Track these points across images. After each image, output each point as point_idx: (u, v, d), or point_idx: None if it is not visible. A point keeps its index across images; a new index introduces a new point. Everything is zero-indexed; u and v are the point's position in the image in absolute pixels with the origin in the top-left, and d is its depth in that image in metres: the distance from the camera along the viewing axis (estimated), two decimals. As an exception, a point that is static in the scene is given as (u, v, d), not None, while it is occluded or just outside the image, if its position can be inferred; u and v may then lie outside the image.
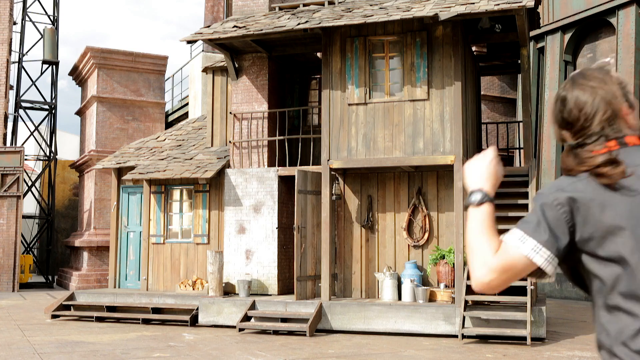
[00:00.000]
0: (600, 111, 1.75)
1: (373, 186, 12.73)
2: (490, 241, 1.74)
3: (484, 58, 15.00)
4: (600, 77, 1.79)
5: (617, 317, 1.66)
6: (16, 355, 9.04)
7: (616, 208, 1.65)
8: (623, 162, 1.66)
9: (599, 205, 1.66)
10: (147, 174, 14.28)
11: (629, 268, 1.62)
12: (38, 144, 25.88)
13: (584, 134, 1.77)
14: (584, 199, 1.68)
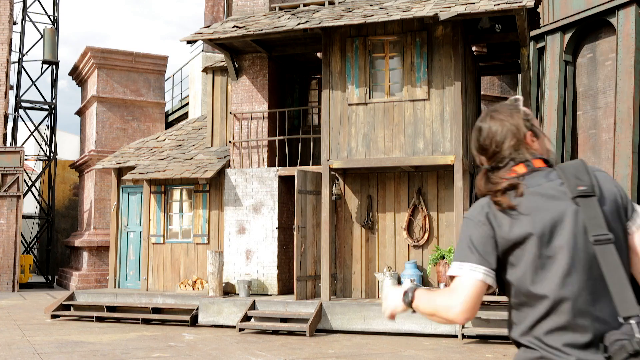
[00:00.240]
0: (507, 139, 2.08)
1: (373, 186, 12.73)
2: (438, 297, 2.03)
3: (484, 58, 15.00)
4: (509, 112, 2.13)
5: (522, 313, 1.98)
6: (16, 355, 9.04)
7: (519, 223, 1.96)
8: (521, 185, 1.99)
9: (508, 222, 1.98)
10: (147, 174, 14.28)
11: (531, 272, 1.95)
12: (38, 144, 25.89)
13: (496, 158, 2.10)
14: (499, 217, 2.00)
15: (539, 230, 1.94)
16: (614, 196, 2.00)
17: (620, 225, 1.98)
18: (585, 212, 1.94)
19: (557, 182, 2.00)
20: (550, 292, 1.92)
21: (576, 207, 1.95)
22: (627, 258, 1.96)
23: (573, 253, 1.93)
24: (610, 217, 1.96)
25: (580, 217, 1.94)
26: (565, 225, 1.95)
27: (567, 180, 1.99)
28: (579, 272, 1.92)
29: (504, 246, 1.99)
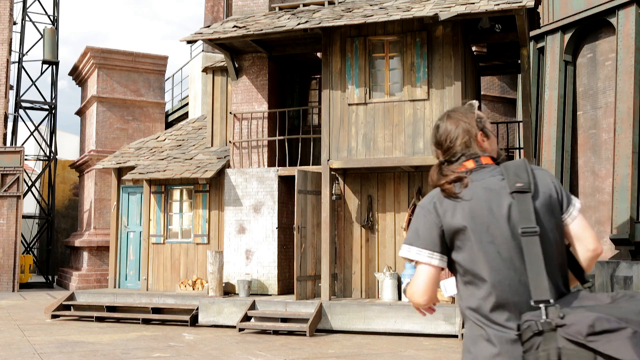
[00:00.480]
0: (460, 136, 2.37)
1: (373, 186, 12.73)
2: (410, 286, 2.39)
3: (484, 58, 15.00)
4: (464, 113, 2.42)
5: (469, 290, 2.26)
6: (16, 355, 9.05)
7: (462, 212, 2.24)
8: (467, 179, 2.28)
9: (452, 211, 2.26)
10: (147, 174, 14.28)
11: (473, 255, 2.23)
12: (38, 144, 25.89)
13: (449, 153, 2.39)
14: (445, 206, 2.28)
15: (478, 219, 2.23)
16: (550, 192, 2.26)
17: (553, 219, 2.25)
18: (518, 206, 2.21)
19: (499, 178, 2.27)
20: (488, 275, 2.20)
21: (512, 201, 2.22)
22: (552, 248, 2.22)
23: (506, 241, 2.20)
24: (542, 211, 2.22)
25: (514, 210, 2.21)
26: (501, 216, 2.22)
27: (508, 177, 2.25)
28: (510, 259, 2.20)
29: (449, 232, 2.27)
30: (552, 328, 2.01)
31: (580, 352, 1.95)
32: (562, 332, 2.00)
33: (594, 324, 1.96)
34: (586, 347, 1.95)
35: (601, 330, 1.94)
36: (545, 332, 2.02)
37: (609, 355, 1.91)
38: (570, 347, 1.97)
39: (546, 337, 2.02)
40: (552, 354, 1.98)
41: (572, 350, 1.96)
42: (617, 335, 1.93)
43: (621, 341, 1.91)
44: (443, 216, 2.28)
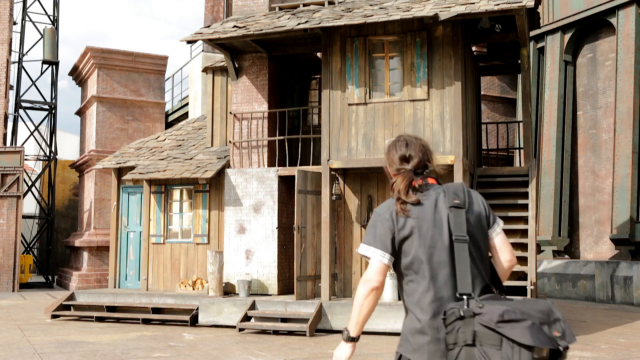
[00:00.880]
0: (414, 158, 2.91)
1: (373, 186, 12.73)
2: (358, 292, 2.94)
3: (484, 58, 15.00)
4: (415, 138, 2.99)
5: (411, 286, 2.82)
6: (16, 355, 9.05)
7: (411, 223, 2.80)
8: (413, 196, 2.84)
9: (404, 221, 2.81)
10: (147, 174, 14.28)
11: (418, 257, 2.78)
12: (38, 144, 25.89)
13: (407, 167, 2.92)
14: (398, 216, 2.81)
15: (423, 229, 2.79)
16: (480, 210, 2.87)
17: (481, 232, 2.85)
18: (454, 219, 2.79)
19: (442, 196, 2.85)
20: (428, 274, 2.77)
21: (449, 214, 2.79)
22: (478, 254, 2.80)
23: (443, 246, 2.78)
24: (473, 224, 2.81)
25: (451, 222, 2.79)
26: (441, 226, 2.79)
27: (448, 195, 2.84)
28: (445, 261, 2.78)
29: (399, 238, 2.81)
30: (471, 315, 2.56)
31: (490, 335, 2.51)
32: (478, 319, 2.55)
33: (503, 314, 2.50)
34: (495, 331, 2.51)
35: (508, 320, 2.49)
36: (466, 318, 2.57)
37: (511, 338, 2.46)
38: (483, 331, 2.52)
39: (465, 322, 2.56)
40: (468, 335, 2.54)
41: (484, 333, 2.52)
42: (520, 324, 2.47)
43: (522, 329, 2.46)
44: (396, 225, 2.83)
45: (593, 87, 19.63)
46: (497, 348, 2.49)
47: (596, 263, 17.31)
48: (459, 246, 2.77)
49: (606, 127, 19.00)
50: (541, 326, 2.51)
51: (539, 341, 2.45)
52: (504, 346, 2.48)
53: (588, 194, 19.43)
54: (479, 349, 2.52)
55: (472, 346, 2.54)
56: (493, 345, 2.50)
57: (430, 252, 2.78)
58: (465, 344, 2.56)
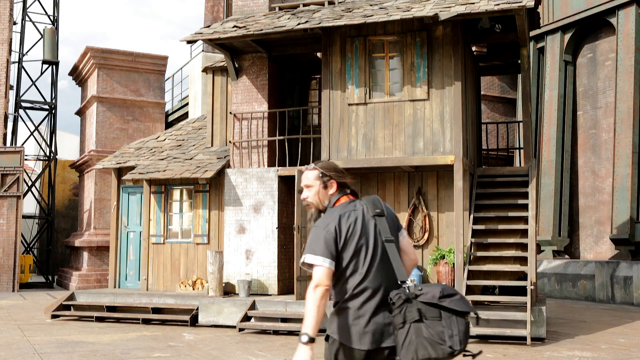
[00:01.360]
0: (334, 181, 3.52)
1: (373, 186, 12.72)
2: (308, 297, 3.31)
3: (484, 58, 14.99)
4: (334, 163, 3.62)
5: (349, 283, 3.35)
6: (16, 355, 9.05)
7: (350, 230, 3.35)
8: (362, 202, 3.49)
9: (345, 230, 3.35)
10: (147, 174, 14.27)
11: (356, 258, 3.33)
12: (38, 144, 25.89)
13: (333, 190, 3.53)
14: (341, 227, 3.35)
15: (358, 234, 3.35)
16: (392, 218, 3.50)
17: (396, 234, 3.47)
18: (380, 225, 3.41)
19: (365, 207, 3.45)
20: (364, 269, 3.34)
21: (375, 222, 3.41)
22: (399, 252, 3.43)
23: (375, 247, 3.38)
24: (391, 228, 3.44)
25: (377, 227, 3.40)
26: (372, 231, 3.39)
27: (369, 207, 3.44)
28: (378, 258, 3.37)
29: (342, 245, 3.34)
30: (414, 297, 3.19)
31: (432, 310, 3.16)
32: (420, 299, 3.18)
33: (443, 290, 3.20)
34: (435, 306, 3.17)
35: (447, 294, 3.18)
36: (411, 299, 3.19)
37: (450, 308, 3.16)
38: (425, 307, 3.16)
39: (411, 304, 3.18)
40: (415, 313, 3.16)
41: (427, 309, 3.16)
42: (454, 297, 3.19)
43: (456, 301, 3.18)
44: (339, 235, 3.34)
45: (593, 87, 19.63)
46: (438, 319, 3.17)
47: (596, 263, 17.31)
48: (389, 245, 3.40)
49: (606, 127, 19.00)
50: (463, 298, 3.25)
51: (469, 308, 3.22)
52: (443, 316, 3.17)
53: (588, 194, 19.43)
54: (425, 323, 3.16)
55: (419, 322, 3.16)
56: (435, 318, 3.17)
57: (364, 252, 3.37)
58: (413, 321, 3.17)
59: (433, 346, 3.14)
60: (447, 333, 3.16)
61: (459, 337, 3.19)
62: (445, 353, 3.14)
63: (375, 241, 3.38)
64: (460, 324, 3.20)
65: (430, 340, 3.14)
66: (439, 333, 3.15)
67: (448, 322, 3.17)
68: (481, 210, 11.96)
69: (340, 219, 3.37)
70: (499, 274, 11.42)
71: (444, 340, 3.15)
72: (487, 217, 11.82)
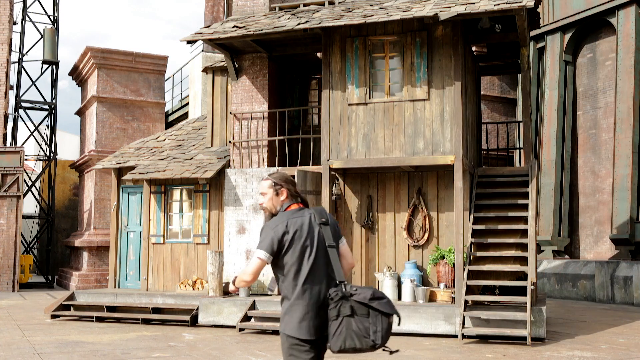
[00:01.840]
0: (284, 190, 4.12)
1: (373, 186, 12.73)
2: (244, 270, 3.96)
3: (484, 58, 14.99)
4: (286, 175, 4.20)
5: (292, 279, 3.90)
6: (16, 355, 9.05)
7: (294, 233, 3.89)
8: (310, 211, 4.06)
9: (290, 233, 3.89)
10: (147, 174, 14.27)
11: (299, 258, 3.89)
12: (38, 144, 25.89)
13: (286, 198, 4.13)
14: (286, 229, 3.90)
15: (303, 238, 3.90)
16: (335, 227, 4.05)
17: (337, 241, 4.01)
18: (324, 232, 3.95)
19: (312, 216, 4.00)
20: (306, 269, 3.88)
21: (320, 229, 3.95)
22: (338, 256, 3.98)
23: (318, 250, 3.91)
24: (333, 236, 3.99)
25: (321, 233, 3.95)
26: (316, 237, 3.94)
27: (316, 215, 3.99)
28: (321, 260, 3.92)
29: (284, 244, 3.88)
30: (349, 295, 3.76)
31: (362, 308, 3.73)
32: (354, 298, 3.75)
33: (373, 293, 3.78)
34: (365, 305, 3.74)
35: (376, 297, 3.77)
36: (347, 297, 3.75)
37: (378, 309, 3.74)
38: (357, 305, 3.74)
39: (346, 301, 3.75)
40: (348, 309, 3.73)
41: (358, 307, 3.73)
42: (382, 300, 3.77)
43: (384, 303, 3.76)
44: (285, 236, 3.88)
45: (593, 87, 19.63)
46: (366, 317, 3.75)
47: (596, 263, 17.31)
48: (331, 250, 3.96)
49: (606, 127, 19.00)
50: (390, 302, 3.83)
51: (392, 310, 3.79)
52: (370, 315, 3.75)
53: (588, 194, 19.43)
54: (355, 318, 3.74)
55: (350, 317, 3.74)
56: (364, 315, 3.75)
57: (308, 253, 3.90)
58: (346, 315, 3.75)
59: (359, 338, 3.73)
60: (372, 329, 3.74)
61: (381, 333, 3.75)
62: (368, 345, 3.74)
63: (319, 245, 3.93)
64: (384, 323, 3.76)
65: (358, 333, 3.73)
66: (365, 328, 3.74)
67: (374, 320, 3.74)
68: (481, 210, 11.97)
69: (288, 222, 3.93)
70: (499, 274, 11.43)
71: (369, 335, 3.73)
72: (487, 217, 11.82)
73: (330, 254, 3.93)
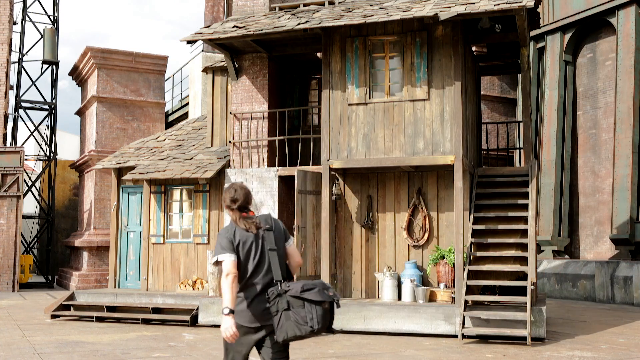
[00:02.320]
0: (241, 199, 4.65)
1: (373, 186, 12.73)
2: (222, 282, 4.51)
3: (484, 58, 14.99)
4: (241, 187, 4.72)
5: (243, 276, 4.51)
6: (16, 355, 9.05)
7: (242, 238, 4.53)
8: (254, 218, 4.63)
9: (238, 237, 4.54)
10: (147, 174, 14.28)
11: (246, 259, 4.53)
12: (38, 144, 25.89)
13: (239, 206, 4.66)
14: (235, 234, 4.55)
15: (248, 242, 4.55)
16: (280, 231, 4.69)
17: (282, 244, 4.65)
18: (267, 237, 4.59)
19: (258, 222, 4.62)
20: (252, 269, 4.52)
21: (264, 234, 4.59)
22: (281, 258, 4.60)
23: (262, 253, 4.56)
24: (277, 239, 4.63)
25: (265, 238, 4.59)
26: (259, 241, 4.58)
27: (262, 221, 4.64)
28: (264, 262, 4.56)
29: (236, 247, 4.54)
30: (284, 292, 4.38)
31: (297, 301, 4.33)
32: (289, 293, 4.36)
33: (303, 286, 4.35)
34: (300, 298, 4.34)
35: (307, 289, 4.34)
36: (282, 294, 4.37)
37: (309, 299, 4.31)
38: (292, 299, 4.35)
39: (281, 297, 4.36)
40: (285, 304, 4.34)
41: (293, 300, 4.34)
42: (312, 290, 4.34)
43: (314, 293, 4.33)
44: (234, 240, 4.56)
45: (593, 87, 19.63)
46: (302, 307, 4.34)
47: (596, 263, 17.31)
48: (272, 253, 4.58)
49: (606, 127, 19.00)
50: (323, 290, 4.39)
51: (324, 297, 4.35)
52: (305, 305, 4.34)
53: (588, 194, 19.44)
54: (292, 310, 4.34)
55: (287, 310, 4.35)
56: (299, 306, 4.34)
57: (253, 256, 4.55)
58: (283, 309, 4.35)
59: (298, 327, 4.32)
60: (308, 316, 4.31)
61: (317, 319, 4.32)
62: (307, 331, 4.33)
63: (262, 249, 4.57)
64: (318, 310, 4.34)
65: (296, 323, 4.32)
66: (302, 317, 4.31)
67: (309, 308, 4.32)
68: (481, 210, 11.97)
69: (236, 229, 4.59)
70: (499, 274, 11.43)
71: (306, 322, 4.31)
72: (487, 217, 11.82)
73: (271, 256, 4.55)
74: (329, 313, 4.38)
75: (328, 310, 4.36)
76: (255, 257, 4.53)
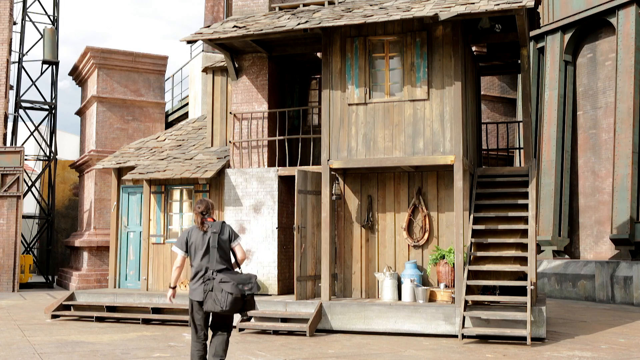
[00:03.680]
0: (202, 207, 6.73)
1: (373, 186, 12.73)
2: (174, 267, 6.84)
3: (484, 58, 14.99)
4: (208, 199, 6.88)
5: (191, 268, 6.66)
6: (16, 355, 9.05)
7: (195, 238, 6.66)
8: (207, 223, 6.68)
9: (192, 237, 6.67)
10: (147, 174, 14.28)
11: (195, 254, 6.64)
12: (38, 144, 25.89)
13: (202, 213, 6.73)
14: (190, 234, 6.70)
15: (199, 241, 6.59)
16: (227, 234, 6.67)
17: (227, 244, 6.65)
18: (212, 238, 6.56)
19: (212, 227, 6.63)
20: (197, 262, 6.55)
21: (213, 235, 6.56)
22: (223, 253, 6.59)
23: (206, 250, 6.54)
24: (223, 240, 6.62)
25: (212, 239, 6.56)
26: (205, 240, 6.56)
27: (213, 227, 6.61)
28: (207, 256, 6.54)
29: (189, 244, 6.63)
30: (212, 278, 6.42)
31: (217, 286, 6.34)
32: (215, 281, 6.38)
33: (222, 279, 6.36)
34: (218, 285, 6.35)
35: (224, 281, 6.34)
36: (212, 279, 6.41)
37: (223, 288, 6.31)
38: (215, 285, 6.37)
39: (210, 282, 6.41)
40: (210, 286, 6.39)
41: (217, 286, 6.35)
42: (228, 283, 6.33)
43: (229, 285, 6.32)
44: (189, 238, 6.61)
45: (593, 87, 19.64)
46: (220, 292, 6.29)
47: (596, 263, 17.31)
48: (212, 250, 6.51)
49: (606, 127, 19.00)
50: (238, 285, 6.31)
51: (233, 290, 6.28)
52: (222, 292, 6.30)
53: (588, 194, 19.44)
54: (213, 292, 6.34)
55: (211, 292, 6.35)
56: (219, 291, 6.31)
57: (201, 251, 6.52)
58: (209, 291, 6.36)
59: (213, 305, 6.32)
60: (222, 300, 6.28)
61: (225, 303, 6.26)
62: (219, 309, 6.30)
63: (207, 246, 6.51)
64: (228, 297, 6.27)
65: (213, 302, 6.33)
66: (218, 299, 6.29)
67: (224, 295, 6.28)
68: (481, 210, 11.97)
69: (191, 230, 6.63)
70: (499, 274, 11.43)
71: (219, 302, 6.28)
72: (487, 217, 11.83)
73: (211, 252, 6.50)
74: (240, 301, 6.29)
75: (240, 299, 6.28)
76: (201, 252, 6.50)
